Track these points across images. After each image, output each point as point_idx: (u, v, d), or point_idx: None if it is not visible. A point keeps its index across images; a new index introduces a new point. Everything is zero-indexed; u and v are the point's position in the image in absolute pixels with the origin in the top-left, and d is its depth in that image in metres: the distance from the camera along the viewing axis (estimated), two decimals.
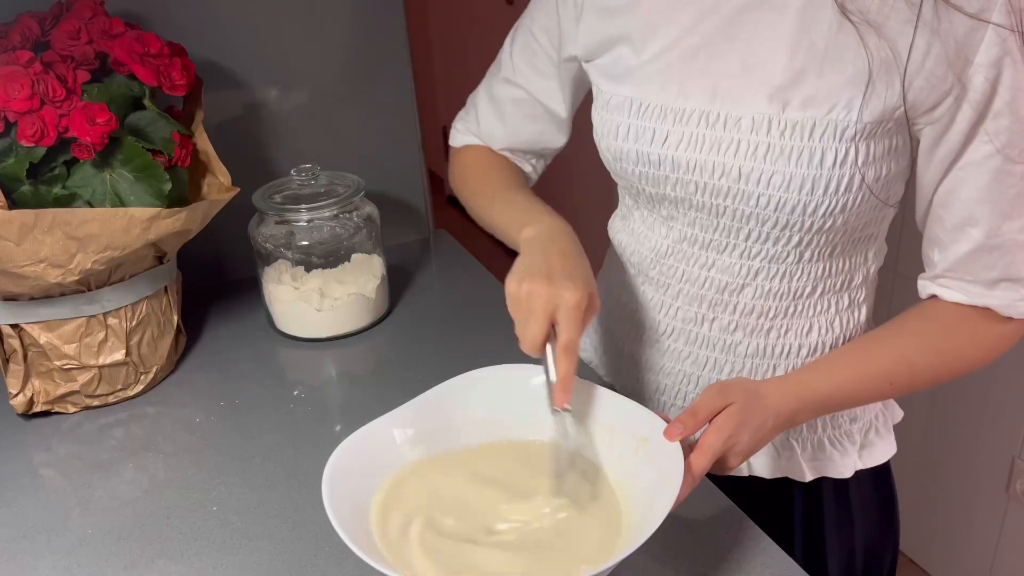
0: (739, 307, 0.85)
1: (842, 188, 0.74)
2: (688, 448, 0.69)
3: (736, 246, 0.82)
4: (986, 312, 0.77)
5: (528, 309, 0.72)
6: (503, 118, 0.98)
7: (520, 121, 0.98)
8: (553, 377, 0.72)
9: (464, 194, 0.99)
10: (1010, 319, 0.76)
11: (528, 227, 0.81)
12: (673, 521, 0.80)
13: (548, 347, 0.72)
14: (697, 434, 0.71)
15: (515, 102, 0.97)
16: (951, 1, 0.67)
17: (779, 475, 0.92)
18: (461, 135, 1.03)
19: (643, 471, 0.72)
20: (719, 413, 0.71)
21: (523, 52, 0.95)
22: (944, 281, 0.78)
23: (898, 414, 0.98)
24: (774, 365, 0.88)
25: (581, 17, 0.87)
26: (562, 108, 0.97)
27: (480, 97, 1.01)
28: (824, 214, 0.76)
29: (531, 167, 1.02)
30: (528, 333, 0.72)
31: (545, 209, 0.85)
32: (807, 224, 0.77)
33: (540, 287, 0.71)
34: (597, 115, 0.86)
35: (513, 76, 0.96)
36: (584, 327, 0.72)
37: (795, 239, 0.79)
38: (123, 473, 0.93)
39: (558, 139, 1.00)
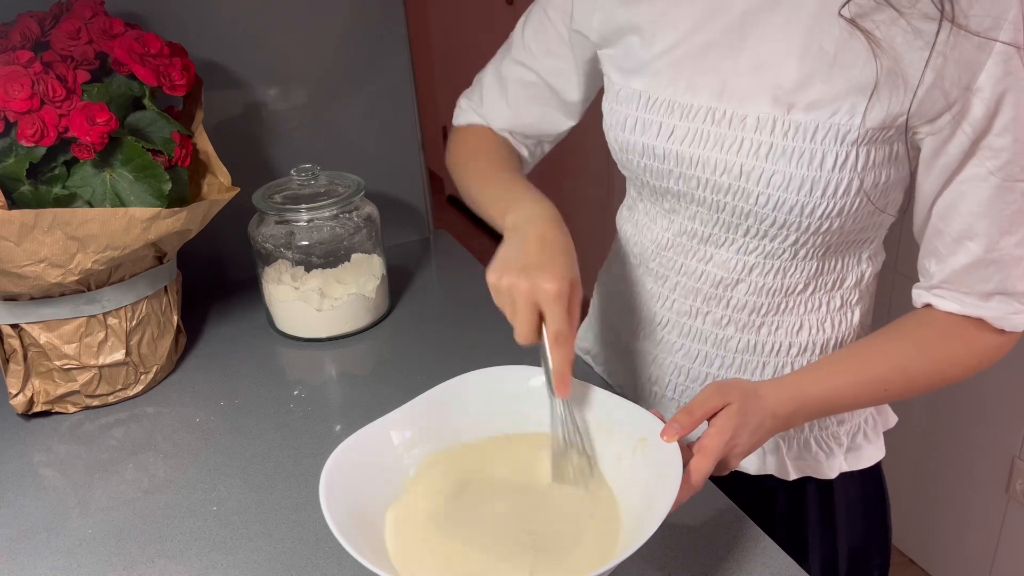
0: (732, 302, 0.86)
1: (840, 191, 0.75)
2: (686, 448, 0.69)
3: (734, 241, 0.83)
4: (979, 322, 0.77)
5: (511, 303, 0.72)
6: (507, 98, 0.97)
7: (524, 103, 0.97)
8: (550, 366, 0.72)
9: (456, 172, 0.98)
10: (1002, 331, 0.77)
11: (510, 212, 0.80)
12: (673, 521, 0.80)
13: (544, 336, 0.72)
14: (695, 434, 0.71)
15: (522, 83, 0.96)
16: (964, 22, 0.67)
17: (763, 472, 0.93)
18: (464, 113, 1.02)
19: (641, 472, 0.72)
20: (717, 413, 0.71)
21: (535, 32, 0.94)
22: (939, 292, 0.78)
23: (891, 420, 0.98)
24: (763, 362, 0.88)
25: (596, 3, 0.86)
26: (573, 91, 0.95)
27: (487, 76, 1.00)
28: (821, 216, 0.77)
29: (527, 152, 1.00)
30: (517, 327, 0.72)
31: (530, 193, 0.83)
32: (804, 224, 0.78)
33: (518, 280, 0.71)
34: (607, 106, 0.87)
35: (523, 56, 0.95)
36: (574, 315, 0.72)
37: (791, 238, 0.80)
38: (123, 473, 0.93)
39: (562, 123, 0.98)
